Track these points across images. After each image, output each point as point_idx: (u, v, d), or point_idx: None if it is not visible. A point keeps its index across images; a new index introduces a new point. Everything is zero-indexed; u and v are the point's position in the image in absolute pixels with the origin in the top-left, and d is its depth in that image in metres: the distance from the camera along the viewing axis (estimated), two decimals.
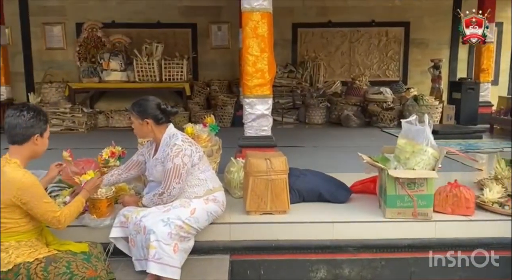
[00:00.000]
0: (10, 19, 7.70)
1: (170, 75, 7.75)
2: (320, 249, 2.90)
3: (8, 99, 7.46)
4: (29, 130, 2.17)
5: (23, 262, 2.22)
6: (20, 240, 2.26)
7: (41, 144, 2.27)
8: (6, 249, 2.23)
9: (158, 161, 2.62)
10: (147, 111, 2.60)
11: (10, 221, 2.20)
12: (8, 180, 2.11)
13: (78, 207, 2.40)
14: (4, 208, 2.15)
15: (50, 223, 2.25)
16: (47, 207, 2.19)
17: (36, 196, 2.16)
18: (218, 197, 2.71)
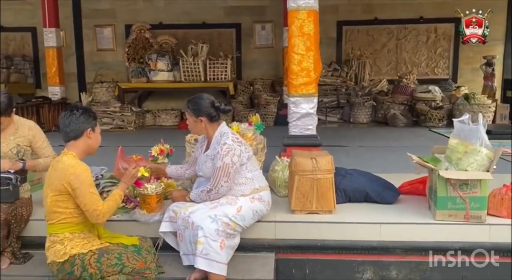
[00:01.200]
0: (64, 22, 8.05)
1: (214, 75, 7.87)
2: (367, 250, 2.85)
3: (62, 99, 7.80)
4: (82, 126, 2.38)
5: (77, 253, 2.35)
6: (73, 232, 2.40)
7: (94, 138, 2.45)
8: (62, 241, 2.38)
9: (209, 158, 2.67)
10: (202, 109, 2.66)
11: (64, 212, 2.36)
12: (63, 167, 2.31)
13: (116, 201, 2.48)
14: (58, 195, 2.32)
15: (91, 215, 2.34)
16: (91, 198, 2.32)
17: (85, 184, 2.31)
18: (264, 196, 2.73)
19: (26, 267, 2.75)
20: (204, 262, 2.40)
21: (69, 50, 8.75)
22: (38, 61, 9.03)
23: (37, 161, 3.01)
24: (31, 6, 8.48)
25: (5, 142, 2.91)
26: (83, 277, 2.35)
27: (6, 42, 9.09)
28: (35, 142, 3.03)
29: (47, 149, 3.08)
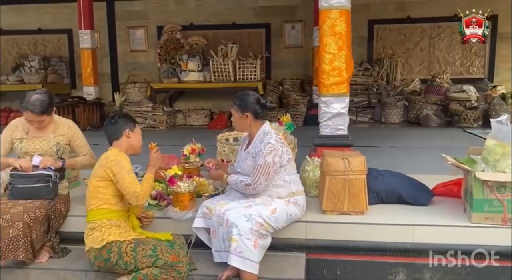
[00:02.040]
0: (98, 24, 8.25)
1: (244, 75, 7.90)
2: (400, 252, 2.81)
3: (97, 99, 8.02)
4: (120, 127, 2.67)
5: (114, 240, 2.45)
6: (110, 219, 2.55)
7: (133, 137, 2.69)
8: (100, 227, 2.51)
9: (249, 155, 2.69)
10: (248, 105, 2.70)
11: (103, 198, 2.54)
12: (106, 156, 2.58)
13: (150, 183, 2.67)
14: (100, 181, 2.55)
15: (132, 196, 2.51)
16: (131, 181, 2.52)
17: (124, 169, 2.54)
18: (299, 201, 2.73)
19: (65, 261, 2.85)
20: (237, 260, 2.42)
21: (103, 51, 8.98)
22: (73, 62, 9.32)
23: (75, 159, 3.12)
24: (68, 9, 8.74)
25: (45, 140, 3.02)
26: (119, 265, 2.44)
27: (43, 44, 9.44)
28: (74, 140, 3.13)
29: (85, 148, 3.18)
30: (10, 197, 2.87)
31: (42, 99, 2.88)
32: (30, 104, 2.84)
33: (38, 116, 2.89)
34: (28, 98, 2.85)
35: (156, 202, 3.19)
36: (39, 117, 2.90)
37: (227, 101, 8.77)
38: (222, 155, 3.53)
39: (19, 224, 2.63)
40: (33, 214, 2.71)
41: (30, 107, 2.84)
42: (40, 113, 2.88)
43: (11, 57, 9.47)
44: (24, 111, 2.88)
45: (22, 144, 3.00)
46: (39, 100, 2.86)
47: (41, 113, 2.88)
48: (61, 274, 2.73)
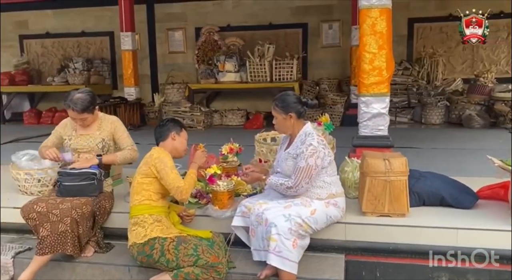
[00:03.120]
0: (138, 26, 8.46)
1: (280, 75, 7.90)
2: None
3: (137, 99, 8.24)
4: (168, 130, 2.80)
5: (157, 237, 2.53)
6: (152, 214, 2.63)
7: (178, 141, 2.80)
8: (142, 223, 2.59)
9: (290, 156, 2.68)
10: (290, 105, 2.68)
11: (145, 194, 2.64)
12: (150, 155, 2.70)
13: (193, 178, 2.77)
14: (144, 178, 2.65)
15: (176, 191, 2.61)
16: (174, 177, 2.63)
17: (168, 166, 2.64)
18: (339, 202, 2.71)
19: (109, 256, 2.95)
20: (276, 259, 2.43)
21: (143, 53, 9.20)
22: (115, 64, 9.61)
23: (114, 154, 3.20)
24: (110, 12, 9.03)
25: (92, 138, 3.15)
26: (160, 262, 2.50)
27: (86, 46, 9.78)
28: (116, 133, 3.23)
29: (127, 140, 3.26)
30: (58, 194, 3.00)
31: (83, 97, 3.02)
32: (72, 102, 2.99)
33: (79, 113, 3.02)
34: (71, 97, 3.01)
35: (196, 200, 3.25)
36: (80, 114, 3.03)
37: (263, 102, 8.89)
38: (260, 155, 3.55)
39: (67, 220, 2.74)
40: (80, 210, 2.82)
41: (72, 105, 2.99)
42: (81, 111, 3.02)
43: (57, 59, 9.87)
44: (67, 109, 3.03)
45: (71, 141, 3.15)
46: (80, 99, 3.01)
47: (81, 111, 3.02)
48: (105, 268, 2.83)
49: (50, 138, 3.25)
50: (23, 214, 2.83)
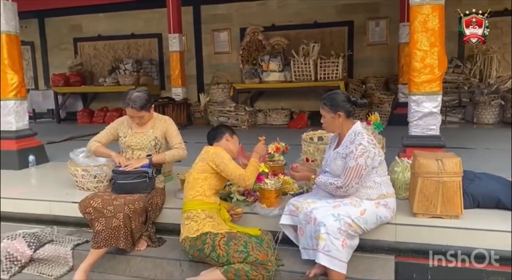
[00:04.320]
0: (185, 27, 8.67)
1: (325, 74, 7.84)
2: (499, 260, 2.62)
3: (184, 99, 8.43)
4: (222, 132, 2.95)
5: (208, 232, 2.59)
6: (204, 209, 2.70)
7: (231, 142, 2.93)
8: (195, 218, 2.66)
9: (339, 155, 2.66)
10: (339, 104, 2.66)
11: (199, 190, 2.73)
12: (206, 151, 2.85)
13: (255, 166, 2.86)
14: (200, 174, 2.76)
15: (238, 179, 2.73)
16: (234, 167, 2.76)
17: (226, 158, 2.77)
18: (389, 203, 2.67)
19: (161, 250, 3.05)
20: (325, 258, 2.42)
21: (190, 54, 9.41)
22: (163, 65, 9.90)
23: (163, 153, 3.30)
24: (158, 14, 9.31)
25: (145, 135, 3.27)
26: (211, 257, 2.56)
27: (136, 48, 10.13)
28: (167, 131, 3.34)
29: (176, 138, 3.35)
30: (113, 191, 3.13)
31: (141, 96, 3.15)
32: (131, 101, 3.12)
33: (138, 111, 3.15)
34: (130, 96, 3.15)
35: (244, 198, 3.29)
36: (138, 112, 3.16)
37: (307, 101, 8.86)
38: (307, 154, 3.54)
39: (121, 215, 2.86)
40: (133, 206, 2.93)
41: (131, 103, 3.12)
42: (139, 109, 3.14)
43: (108, 60, 10.28)
44: (126, 108, 3.16)
45: (125, 138, 3.28)
46: (138, 97, 3.14)
47: (140, 109, 3.14)
48: (157, 262, 2.93)
49: (104, 133, 3.37)
50: (80, 209, 2.98)
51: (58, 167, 4.77)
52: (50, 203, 3.59)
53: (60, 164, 4.86)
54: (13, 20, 4.77)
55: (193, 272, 2.79)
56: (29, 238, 3.16)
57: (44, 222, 3.54)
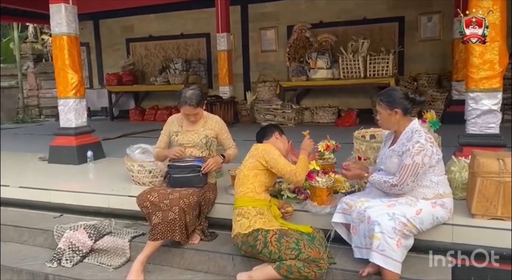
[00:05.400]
0: (233, 26, 8.76)
1: (374, 71, 7.69)
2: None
3: (231, 97, 8.54)
4: (271, 131, 3.00)
5: (260, 228, 2.62)
6: (255, 206, 2.72)
7: (280, 140, 2.96)
8: (246, 214, 2.70)
9: (395, 153, 2.62)
10: (396, 101, 2.62)
11: (250, 187, 2.76)
12: (256, 148, 2.87)
13: (305, 163, 2.86)
14: (250, 170, 2.78)
15: (289, 175, 2.73)
16: (284, 163, 2.77)
17: (275, 154, 2.79)
18: (446, 203, 2.59)
19: (214, 244, 3.12)
20: (379, 258, 2.39)
21: (237, 53, 9.51)
22: (210, 64, 10.06)
23: (228, 153, 3.42)
24: (207, 14, 9.47)
25: (196, 134, 3.35)
26: (263, 253, 2.59)
27: (185, 47, 10.37)
28: (221, 134, 3.42)
29: (230, 140, 3.46)
30: (168, 185, 3.24)
31: (196, 93, 3.25)
32: (188, 98, 3.21)
33: (194, 108, 3.24)
34: (185, 94, 3.24)
35: (295, 195, 3.30)
36: (194, 109, 3.25)
37: (356, 99, 8.73)
38: (359, 152, 3.49)
39: (176, 209, 2.94)
40: (187, 200, 3.01)
41: (188, 100, 3.21)
42: (196, 105, 3.24)
43: (158, 60, 10.59)
44: (183, 106, 3.25)
45: (177, 137, 3.37)
46: (194, 94, 3.23)
47: (196, 105, 3.24)
48: (210, 256, 3.00)
49: (162, 138, 3.46)
50: (138, 203, 3.10)
51: (114, 163, 4.99)
52: (108, 196, 3.76)
53: (115, 160, 5.08)
54: (74, 22, 5.03)
55: (245, 267, 2.84)
56: (89, 229, 3.33)
57: (102, 214, 3.72)
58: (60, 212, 3.88)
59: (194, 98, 3.22)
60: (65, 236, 3.30)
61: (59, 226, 3.46)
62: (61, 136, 5.17)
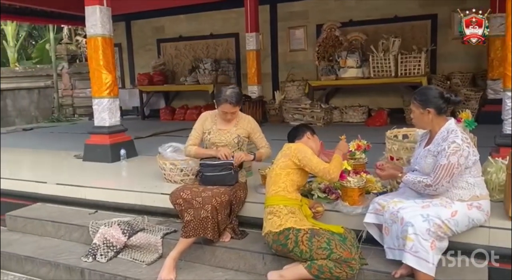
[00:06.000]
0: (262, 26, 8.75)
1: (406, 70, 7.55)
2: None
3: (259, 97, 8.57)
4: (303, 131, 3.00)
5: (291, 227, 2.62)
6: (286, 205, 2.73)
7: (312, 140, 2.97)
8: (277, 213, 2.71)
9: (430, 153, 2.58)
10: (430, 100, 2.58)
11: (281, 185, 2.77)
12: (288, 147, 2.89)
13: (339, 162, 2.89)
14: (282, 169, 2.79)
15: (322, 172, 2.75)
16: (317, 161, 2.79)
17: (308, 153, 2.80)
18: (483, 205, 2.53)
19: (244, 242, 3.15)
20: (413, 259, 2.36)
21: (265, 52, 9.51)
22: (239, 63, 10.11)
23: (260, 152, 3.44)
24: (236, 14, 9.52)
25: (229, 133, 3.38)
26: (294, 252, 2.59)
27: (214, 47, 10.45)
28: (254, 133, 3.44)
29: (263, 140, 3.48)
30: (200, 183, 3.29)
31: (236, 91, 3.31)
32: (228, 96, 3.26)
33: (234, 106, 3.29)
34: (224, 93, 3.29)
35: (325, 195, 3.29)
36: (234, 107, 3.30)
37: (386, 98, 8.60)
38: (391, 152, 3.44)
39: (208, 207, 2.98)
40: (219, 198, 3.05)
41: (229, 99, 3.26)
42: (235, 104, 3.29)
43: (188, 60, 10.72)
44: (222, 104, 3.29)
45: (210, 135, 3.41)
46: (233, 93, 3.28)
47: (236, 104, 3.29)
48: (241, 254, 3.03)
49: (195, 135, 3.47)
50: (171, 200, 3.15)
51: (146, 161, 5.09)
52: (141, 194, 3.84)
53: (147, 158, 5.18)
54: (108, 23, 5.15)
55: (275, 266, 2.85)
56: (123, 225, 3.41)
57: (135, 211, 3.81)
58: (95, 208, 3.99)
59: (234, 96, 3.26)
60: (100, 232, 3.39)
61: (94, 222, 3.56)
62: (95, 135, 5.31)
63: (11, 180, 4.53)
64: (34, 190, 4.35)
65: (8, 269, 3.53)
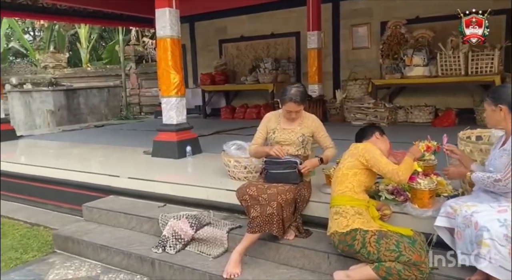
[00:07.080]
0: (324, 24, 8.63)
1: (477, 68, 7.17)
2: None
3: (320, 96, 8.50)
4: (371, 131, 3.02)
5: (358, 228, 2.60)
6: (353, 206, 2.71)
7: (381, 140, 2.95)
8: (344, 213, 2.70)
9: (505, 152, 2.47)
10: (502, 97, 2.49)
11: (348, 186, 2.76)
12: (356, 147, 2.88)
13: (409, 164, 2.84)
14: (349, 169, 2.78)
15: (391, 174, 2.71)
16: (386, 161, 2.77)
17: (376, 153, 2.79)
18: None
19: (308, 241, 3.16)
20: (489, 266, 2.25)
21: (327, 50, 9.39)
22: (299, 62, 10.09)
23: (326, 155, 3.43)
24: (297, 13, 9.52)
25: (293, 132, 3.41)
26: (361, 253, 2.57)
27: (275, 46, 10.51)
28: (318, 132, 3.44)
29: (328, 139, 3.47)
30: (265, 180, 3.34)
31: (300, 90, 3.33)
32: (293, 95, 3.29)
33: (298, 105, 3.31)
34: (289, 91, 3.31)
35: (393, 197, 3.21)
36: (298, 106, 3.32)
37: (455, 97, 8.24)
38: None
39: (274, 204, 3.02)
40: (285, 196, 3.08)
41: (294, 97, 3.29)
42: (300, 102, 3.31)
43: (249, 60, 10.87)
44: (287, 103, 3.32)
45: (274, 134, 3.45)
46: (298, 91, 3.31)
47: (300, 102, 3.31)
48: (306, 252, 3.04)
49: (258, 135, 3.54)
50: (237, 196, 3.23)
51: (210, 158, 5.24)
52: (207, 189, 3.97)
53: (211, 155, 5.33)
54: (176, 25, 5.36)
55: (340, 266, 2.84)
56: (191, 219, 3.54)
57: (202, 206, 3.93)
58: (164, 202, 4.17)
59: (299, 95, 3.29)
60: (169, 224, 3.54)
61: (163, 215, 3.73)
62: (163, 132, 5.54)
63: (87, 173, 4.85)
64: (108, 183, 4.63)
65: (85, 256, 3.79)
